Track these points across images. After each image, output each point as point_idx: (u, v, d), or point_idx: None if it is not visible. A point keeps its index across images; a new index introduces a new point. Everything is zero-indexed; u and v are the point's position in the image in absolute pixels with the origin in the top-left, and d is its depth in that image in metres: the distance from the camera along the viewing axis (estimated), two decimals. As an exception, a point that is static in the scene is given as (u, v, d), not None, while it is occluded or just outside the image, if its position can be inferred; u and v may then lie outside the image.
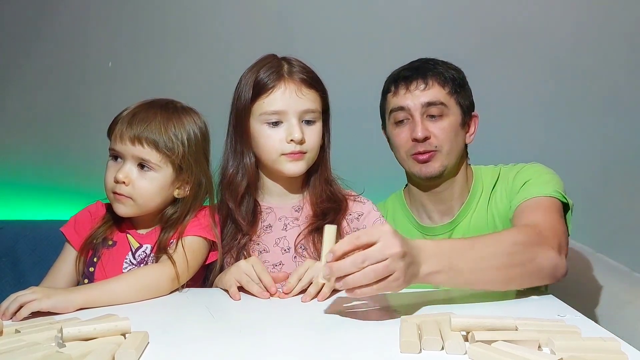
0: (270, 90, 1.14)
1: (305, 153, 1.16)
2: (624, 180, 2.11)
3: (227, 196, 1.20)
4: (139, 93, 1.21)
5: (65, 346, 0.73)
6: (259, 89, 1.15)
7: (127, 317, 0.79)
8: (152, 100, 1.17)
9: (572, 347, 0.70)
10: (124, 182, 1.10)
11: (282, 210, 1.22)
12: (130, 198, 1.11)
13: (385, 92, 1.35)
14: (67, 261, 1.18)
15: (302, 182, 1.23)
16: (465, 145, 1.35)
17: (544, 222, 1.09)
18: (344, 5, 2.20)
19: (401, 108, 1.28)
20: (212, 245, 1.16)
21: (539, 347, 0.72)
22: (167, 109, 1.15)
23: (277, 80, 1.14)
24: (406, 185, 1.43)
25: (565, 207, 1.18)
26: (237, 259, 1.14)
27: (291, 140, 1.13)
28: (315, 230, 1.18)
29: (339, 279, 0.84)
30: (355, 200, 1.24)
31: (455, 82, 1.29)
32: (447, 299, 1.03)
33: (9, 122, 2.32)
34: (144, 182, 1.12)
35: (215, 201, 1.22)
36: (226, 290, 1.06)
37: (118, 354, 0.69)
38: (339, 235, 1.18)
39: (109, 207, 1.20)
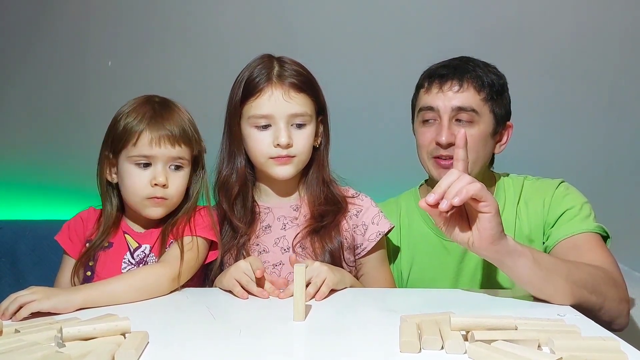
0: (258, 94, 1.14)
1: (293, 157, 1.15)
2: (624, 180, 2.11)
3: (222, 197, 1.21)
4: (139, 93, 1.21)
5: (65, 346, 0.73)
6: (248, 91, 1.15)
7: (127, 317, 0.79)
8: (146, 100, 1.16)
9: (571, 346, 0.70)
10: (164, 185, 1.11)
11: (281, 210, 1.22)
12: (166, 199, 1.13)
13: (418, 87, 1.29)
14: (69, 270, 1.17)
15: (299, 181, 1.23)
16: (493, 155, 1.30)
17: (611, 267, 1.09)
18: (345, 4, 2.20)
19: (430, 108, 1.22)
20: (211, 245, 1.16)
21: (539, 346, 0.72)
22: (168, 105, 1.16)
23: (265, 84, 1.13)
24: (421, 184, 1.39)
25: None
26: (237, 259, 1.14)
27: (277, 145, 1.13)
28: (313, 232, 1.17)
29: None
30: (353, 198, 1.23)
31: (494, 88, 1.22)
32: (447, 299, 1.03)
33: (8, 122, 2.32)
34: (178, 180, 1.14)
35: (213, 200, 1.22)
36: (228, 291, 1.06)
37: (118, 354, 0.69)
38: (339, 234, 1.18)
39: (102, 213, 1.19)
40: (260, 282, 1.06)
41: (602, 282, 1.02)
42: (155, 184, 1.11)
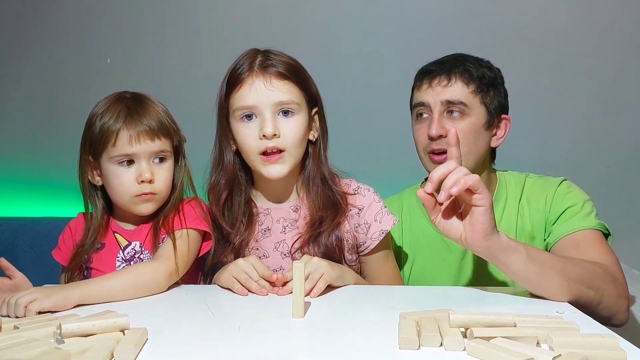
0: (240, 85, 1.11)
1: (283, 151, 1.10)
2: (624, 178, 2.11)
3: (211, 202, 1.19)
4: (139, 89, 1.20)
5: (64, 342, 0.73)
6: (231, 84, 1.12)
7: (126, 314, 0.79)
8: (118, 98, 1.14)
9: (570, 343, 0.70)
10: (150, 181, 1.10)
11: (280, 212, 1.19)
12: (155, 193, 1.12)
13: (412, 87, 1.31)
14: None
15: (298, 179, 1.19)
16: (492, 149, 1.30)
17: (610, 264, 1.09)
18: (344, 3, 2.20)
19: (422, 104, 1.25)
20: (204, 236, 1.16)
21: (538, 343, 0.73)
22: (141, 99, 1.15)
23: (246, 74, 1.11)
24: (423, 181, 1.38)
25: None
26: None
27: (263, 135, 1.09)
28: (311, 239, 1.14)
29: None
30: (355, 194, 1.19)
31: (484, 80, 1.23)
32: (446, 296, 1.03)
33: (7, 119, 2.32)
34: (163, 173, 1.14)
35: (201, 191, 1.21)
36: (227, 288, 1.06)
37: (117, 351, 0.69)
38: (339, 230, 1.16)
39: (88, 216, 1.18)
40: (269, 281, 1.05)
41: (600, 278, 1.02)
42: (142, 181, 1.10)
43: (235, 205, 1.18)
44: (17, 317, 0.90)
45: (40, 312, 0.90)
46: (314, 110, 1.18)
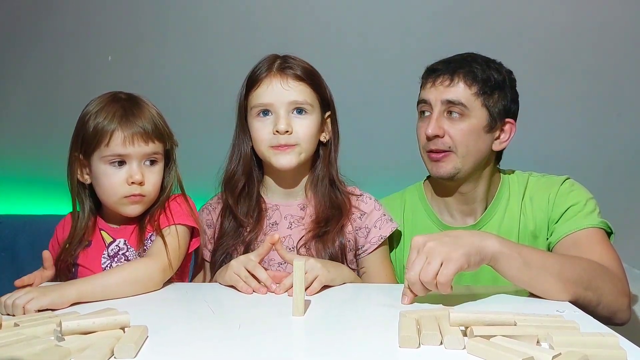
0: (258, 84, 1.16)
1: (294, 145, 1.15)
2: (624, 177, 2.12)
3: (227, 192, 1.22)
4: (139, 88, 1.20)
5: (64, 340, 0.73)
6: (251, 84, 1.18)
7: (127, 312, 0.79)
8: (113, 98, 1.14)
9: (570, 342, 0.70)
10: (140, 183, 1.10)
11: (288, 209, 1.22)
12: (144, 195, 1.12)
13: (420, 84, 1.31)
14: None
15: (306, 178, 1.23)
16: (496, 152, 1.29)
17: (611, 263, 1.10)
18: (345, 3, 2.20)
19: (424, 101, 1.25)
20: (193, 232, 1.16)
21: (538, 342, 0.73)
22: (136, 101, 1.14)
23: (264, 74, 1.16)
24: (425, 178, 1.39)
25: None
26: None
27: (276, 131, 1.14)
28: (316, 237, 1.17)
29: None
30: (358, 199, 1.23)
31: (489, 83, 1.22)
32: (446, 294, 1.03)
33: (8, 118, 2.32)
34: (154, 176, 1.13)
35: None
36: (230, 286, 1.06)
37: (117, 348, 0.69)
38: (343, 236, 1.18)
39: (74, 215, 1.18)
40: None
41: (599, 278, 1.02)
42: (132, 182, 1.10)
43: (249, 195, 1.21)
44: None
45: (39, 310, 0.90)
46: (327, 113, 1.22)
